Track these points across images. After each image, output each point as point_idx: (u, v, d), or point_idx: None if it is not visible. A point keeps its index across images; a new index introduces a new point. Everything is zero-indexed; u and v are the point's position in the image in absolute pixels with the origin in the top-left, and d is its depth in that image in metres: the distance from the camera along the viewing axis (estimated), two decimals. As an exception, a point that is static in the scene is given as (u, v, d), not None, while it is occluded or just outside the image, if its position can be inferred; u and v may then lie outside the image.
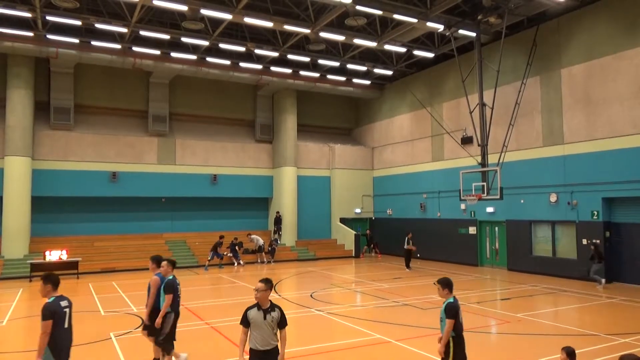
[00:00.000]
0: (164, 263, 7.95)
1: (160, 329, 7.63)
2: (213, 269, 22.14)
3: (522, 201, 19.78)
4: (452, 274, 19.48)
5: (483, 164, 19.34)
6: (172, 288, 7.70)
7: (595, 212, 17.16)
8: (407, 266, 21.47)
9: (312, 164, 28.37)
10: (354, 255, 26.89)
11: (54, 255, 19.24)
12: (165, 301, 7.61)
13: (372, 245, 27.47)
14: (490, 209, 21.23)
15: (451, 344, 6.26)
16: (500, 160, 18.96)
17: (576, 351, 5.42)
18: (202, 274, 20.67)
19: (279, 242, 26.09)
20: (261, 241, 24.35)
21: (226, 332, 10.46)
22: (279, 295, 15.33)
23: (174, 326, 7.85)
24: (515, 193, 19.80)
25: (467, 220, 22.54)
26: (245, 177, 26.96)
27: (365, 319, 11.78)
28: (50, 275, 5.63)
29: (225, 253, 23.15)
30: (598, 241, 16.81)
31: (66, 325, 5.63)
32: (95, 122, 24.23)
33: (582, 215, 17.58)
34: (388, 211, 27.85)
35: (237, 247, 23.51)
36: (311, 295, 14.98)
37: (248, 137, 27.98)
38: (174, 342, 7.94)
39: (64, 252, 19.52)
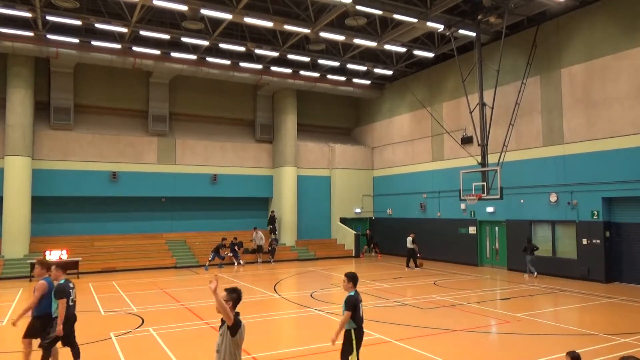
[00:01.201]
0: (53, 267, 7.74)
1: (47, 333, 7.41)
2: (213, 269, 22.14)
3: (522, 201, 19.78)
4: (452, 274, 19.50)
5: (483, 163, 19.34)
6: (63, 293, 7.48)
7: (595, 212, 17.16)
8: (407, 265, 21.54)
9: (312, 164, 28.37)
10: (354, 255, 26.89)
11: (54, 255, 19.23)
12: (59, 306, 7.36)
13: (372, 245, 27.47)
14: (490, 209, 21.23)
15: (353, 336, 6.57)
16: (500, 160, 18.97)
17: (577, 351, 5.40)
18: (202, 274, 20.67)
19: (278, 241, 26.09)
20: (259, 240, 24.31)
21: (226, 332, 10.45)
22: (279, 295, 15.34)
23: (71, 331, 7.65)
24: (515, 193, 19.80)
25: (467, 220, 22.54)
26: (245, 177, 26.96)
27: (365, 318, 11.73)
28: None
29: (226, 253, 23.17)
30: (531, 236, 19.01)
31: None
32: (96, 122, 24.23)
33: (582, 215, 17.58)
34: (388, 211, 27.85)
35: (236, 247, 23.52)
36: (311, 295, 14.99)
37: (248, 137, 27.98)
38: (79, 346, 7.79)
39: (64, 252, 19.52)
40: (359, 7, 17.06)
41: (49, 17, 18.42)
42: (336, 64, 24.28)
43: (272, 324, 11.86)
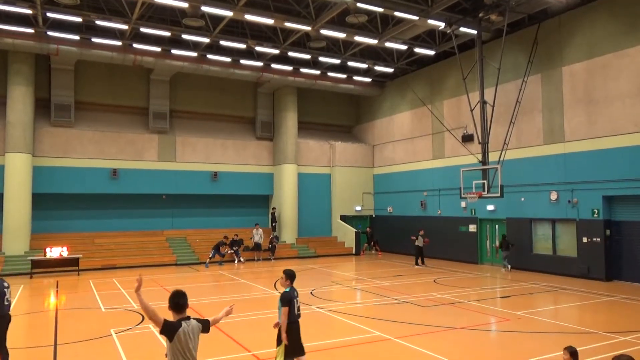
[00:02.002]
0: None
1: None
2: (213, 266, 22.17)
3: (522, 199, 19.78)
4: (452, 272, 19.51)
5: (484, 161, 19.32)
6: None
7: (596, 210, 17.16)
8: (417, 263, 21.71)
9: (312, 162, 28.36)
10: (354, 252, 26.91)
11: (55, 252, 19.26)
12: None
13: (372, 243, 27.47)
14: (490, 207, 21.22)
15: (281, 330, 6.90)
16: (501, 158, 18.95)
17: (577, 349, 5.41)
18: (203, 271, 20.69)
19: (278, 239, 26.10)
20: (258, 238, 24.30)
21: (226, 329, 10.47)
22: (279, 293, 15.34)
23: (4, 332, 7.57)
24: (515, 191, 19.79)
25: (467, 218, 22.55)
26: (245, 175, 26.96)
27: (365, 316, 11.81)
28: None
29: (226, 251, 23.20)
30: (505, 234, 20.09)
31: None
32: (96, 119, 24.22)
33: (583, 213, 17.58)
34: (388, 209, 27.85)
35: (238, 245, 23.56)
36: (311, 293, 15.00)
37: (248, 135, 27.97)
38: (8, 350, 7.67)
39: (65, 248, 19.54)
40: (360, 5, 17.03)
41: (49, 14, 18.40)
42: (337, 61, 24.26)
43: (272, 322, 11.83)
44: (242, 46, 21.96)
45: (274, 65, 24.60)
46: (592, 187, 17.31)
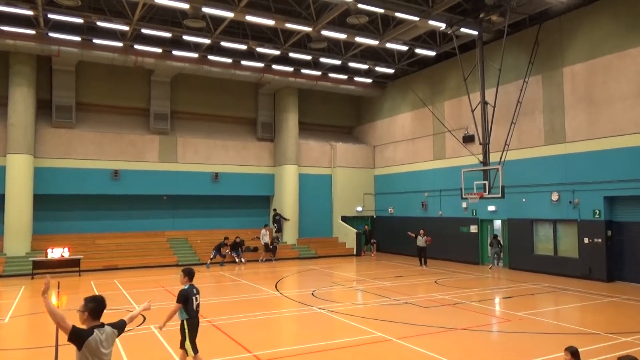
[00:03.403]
0: None
1: None
2: (215, 267, 22.18)
3: (523, 200, 19.76)
4: (453, 273, 19.49)
5: (485, 162, 19.31)
6: None
7: (597, 211, 17.14)
8: (420, 263, 21.81)
9: (313, 162, 28.36)
10: (355, 253, 26.89)
11: (56, 252, 19.27)
12: None
13: (370, 242, 27.35)
14: (491, 208, 21.21)
15: (185, 326, 7.25)
16: (502, 159, 18.94)
17: (578, 349, 5.40)
18: (204, 272, 20.69)
19: (279, 240, 26.10)
20: (266, 239, 24.41)
21: (227, 330, 10.48)
22: (281, 293, 15.35)
23: None
24: (517, 192, 19.78)
25: (468, 218, 22.53)
26: (246, 176, 26.97)
27: (366, 317, 11.80)
28: None
29: (227, 252, 23.23)
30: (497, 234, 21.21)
31: None
32: (97, 120, 24.25)
33: (584, 214, 17.56)
34: (389, 209, 27.84)
35: (239, 246, 23.58)
36: (312, 294, 15.00)
37: (249, 136, 27.98)
38: None
39: (66, 249, 19.55)
40: (360, 6, 17.04)
41: (50, 15, 18.43)
42: (338, 62, 24.26)
43: (273, 322, 11.88)
44: (243, 47, 21.98)
45: (274, 66, 24.62)
46: (593, 187, 17.29)
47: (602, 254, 16.93)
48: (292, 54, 23.06)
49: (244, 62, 24.02)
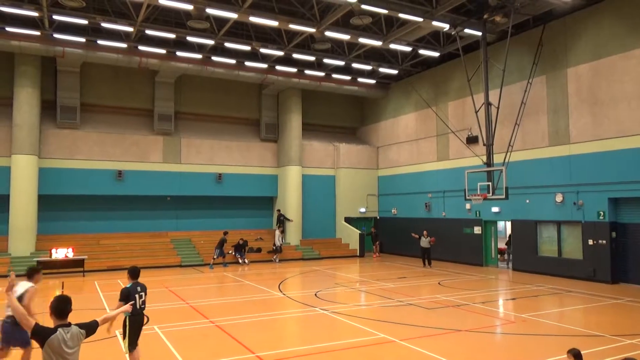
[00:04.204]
0: None
1: None
2: (218, 267, 22.20)
3: (527, 201, 19.70)
4: (456, 274, 19.45)
5: (488, 163, 19.27)
6: None
7: (602, 213, 17.07)
8: (424, 264, 21.90)
9: (317, 163, 28.37)
10: (358, 254, 26.87)
11: (60, 253, 19.35)
12: None
13: (375, 244, 27.33)
14: (495, 209, 21.16)
15: (127, 322, 7.40)
16: (506, 160, 18.90)
17: (582, 352, 5.38)
18: (207, 273, 20.73)
19: (283, 241, 26.10)
20: (279, 240, 24.59)
21: (231, 331, 10.49)
22: (284, 294, 15.35)
23: None
24: (520, 193, 19.72)
25: (472, 220, 22.48)
26: (250, 176, 27.00)
27: (369, 318, 11.78)
28: None
29: (229, 252, 23.27)
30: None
31: None
32: (101, 121, 24.33)
33: (588, 215, 17.50)
34: (393, 210, 27.81)
35: (243, 247, 23.63)
36: (316, 295, 15.00)
37: (253, 136, 28.01)
38: None
39: (70, 250, 19.63)
40: (364, 7, 17.03)
41: (55, 17, 18.50)
42: (341, 63, 24.26)
43: (276, 323, 11.88)
44: (247, 48, 22.01)
45: (278, 67, 24.64)
46: (597, 189, 17.22)
47: (607, 256, 16.86)
48: (295, 55, 23.08)
49: (247, 63, 24.06)
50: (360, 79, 27.19)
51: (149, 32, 19.98)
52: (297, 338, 10.86)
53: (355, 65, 24.86)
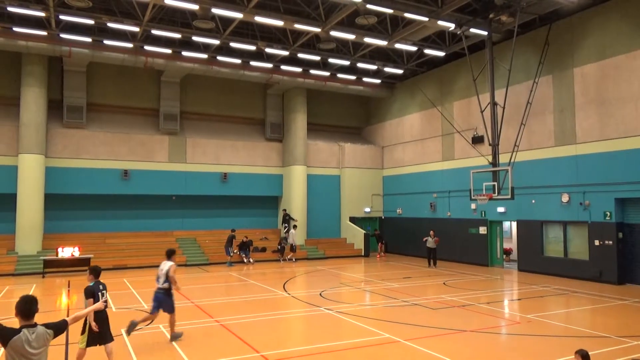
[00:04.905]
0: None
1: None
2: (222, 267, 22.25)
3: (533, 201, 19.62)
4: (462, 274, 19.41)
5: (494, 163, 19.20)
6: None
7: (608, 213, 16.97)
8: (429, 264, 21.89)
9: (322, 163, 28.37)
10: (363, 254, 26.85)
11: (67, 251, 19.45)
12: None
13: (380, 244, 27.28)
14: (501, 209, 21.09)
15: (88, 319, 7.55)
16: (512, 160, 18.83)
17: (589, 353, 5.36)
18: (212, 272, 20.78)
19: (287, 240, 26.12)
20: (294, 239, 24.83)
21: (235, 330, 10.52)
22: (289, 294, 15.37)
23: None
24: (526, 193, 19.65)
25: (477, 220, 22.41)
26: (255, 176, 27.04)
27: (374, 318, 11.78)
28: None
29: (235, 251, 23.35)
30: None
31: None
32: (108, 121, 24.45)
33: (595, 216, 17.40)
34: (398, 210, 27.77)
35: (247, 247, 23.69)
36: (320, 294, 15.00)
37: (258, 136, 28.05)
38: None
39: (76, 249, 19.73)
40: (369, 6, 17.02)
41: (62, 17, 18.61)
42: (346, 63, 24.25)
43: (281, 323, 11.90)
44: (252, 48, 22.04)
45: (283, 67, 24.66)
46: (604, 189, 17.12)
47: (613, 256, 16.77)
48: (300, 55, 23.09)
49: (253, 63, 24.10)
50: (365, 79, 27.16)
51: (154, 32, 20.05)
52: (301, 338, 10.87)
53: (360, 65, 24.84)
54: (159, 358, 8.69)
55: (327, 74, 26.04)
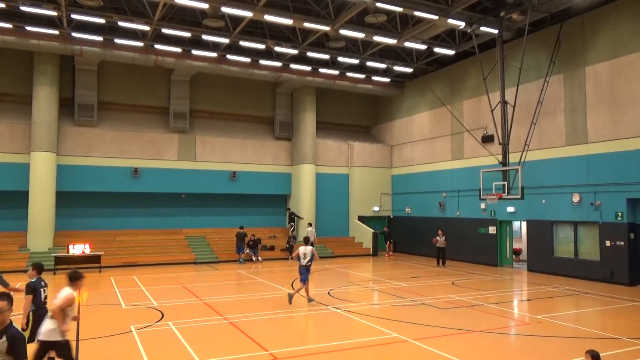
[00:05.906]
0: None
1: None
2: (232, 265, 22.34)
3: (543, 201, 19.47)
4: (471, 274, 19.32)
5: (504, 162, 19.07)
6: None
7: (620, 213, 16.79)
8: (438, 264, 21.82)
9: (330, 162, 28.37)
10: (371, 253, 26.82)
11: (77, 249, 19.65)
12: None
13: (388, 243, 27.22)
14: (510, 209, 20.95)
15: (31, 317, 7.54)
16: (522, 159, 18.69)
17: (600, 353, 5.31)
18: (221, 270, 20.88)
19: (296, 238, 26.17)
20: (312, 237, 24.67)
21: (244, 328, 10.56)
22: (297, 292, 15.38)
23: None
24: (536, 193, 19.50)
25: (487, 219, 22.28)
26: (264, 174, 27.11)
27: (382, 317, 11.77)
28: None
29: (247, 250, 23.49)
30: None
31: None
32: (118, 119, 24.63)
33: (606, 216, 17.22)
34: (407, 210, 27.69)
35: (256, 245, 23.77)
36: (329, 293, 15.02)
37: (267, 135, 28.10)
38: None
39: (87, 246, 19.92)
40: (379, 4, 16.98)
41: (73, 16, 18.79)
42: (356, 61, 24.22)
43: (289, 321, 11.92)
44: (262, 46, 22.09)
45: (292, 66, 24.68)
46: (615, 189, 16.94)
47: (625, 257, 16.59)
48: (310, 53, 23.09)
49: (262, 62, 24.14)
50: (374, 77, 27.09)
51: (165, 30, 20.17)
52: (310, 336, 10.89)
53: (369, 63, 24.79)
54: (168, 354, 8.75)
55: (336, 72, 26.01)
